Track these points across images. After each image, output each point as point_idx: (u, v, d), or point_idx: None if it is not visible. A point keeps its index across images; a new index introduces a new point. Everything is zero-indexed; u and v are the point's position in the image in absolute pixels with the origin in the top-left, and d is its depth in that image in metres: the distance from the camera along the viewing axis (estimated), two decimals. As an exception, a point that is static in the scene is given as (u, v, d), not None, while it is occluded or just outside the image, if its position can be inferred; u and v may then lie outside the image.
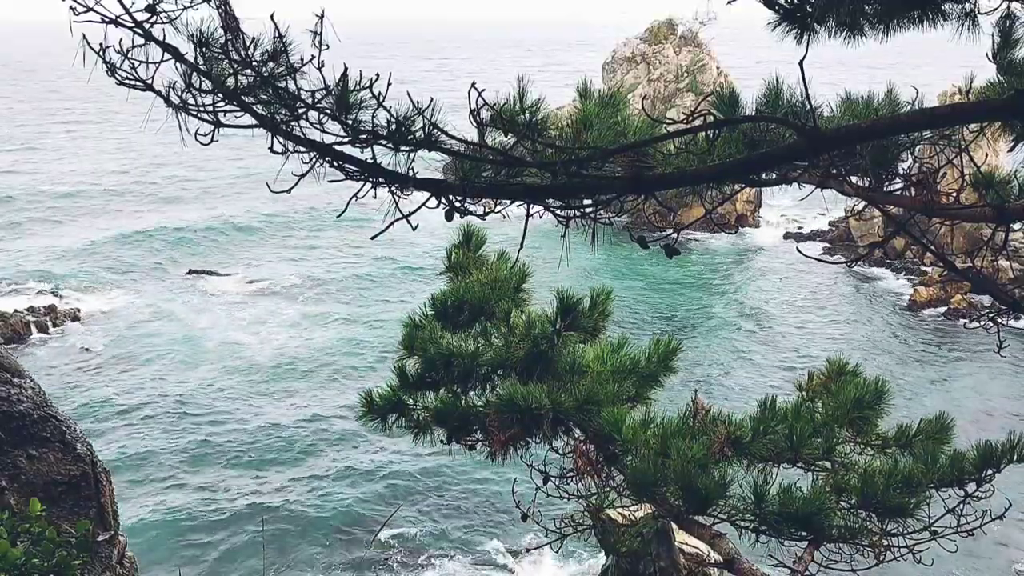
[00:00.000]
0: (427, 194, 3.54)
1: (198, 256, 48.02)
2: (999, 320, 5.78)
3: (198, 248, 49.29)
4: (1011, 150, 4.35)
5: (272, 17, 3.19)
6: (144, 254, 48.01)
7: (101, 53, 3.19)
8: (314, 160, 3.40)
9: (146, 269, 45.72)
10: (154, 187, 65.14)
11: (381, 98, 3.27)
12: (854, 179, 4.27)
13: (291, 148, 3.38)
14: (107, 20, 3.09)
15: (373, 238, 4.11)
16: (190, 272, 45.47)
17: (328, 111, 3.32)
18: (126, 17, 3.12)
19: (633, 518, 9.97)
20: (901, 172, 4.28)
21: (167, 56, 3.21)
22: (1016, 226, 4.45)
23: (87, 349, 35.00)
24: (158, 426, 28.53)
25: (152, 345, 35.37)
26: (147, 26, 3.15)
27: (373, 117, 3.35)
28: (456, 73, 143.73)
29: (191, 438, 27.70)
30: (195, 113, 3.30)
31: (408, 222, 3.47)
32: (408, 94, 3.33)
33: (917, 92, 4.45)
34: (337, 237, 52.04)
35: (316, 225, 54.45)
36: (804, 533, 6.18)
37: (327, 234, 52.78)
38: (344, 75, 3.25)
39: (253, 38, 3.24)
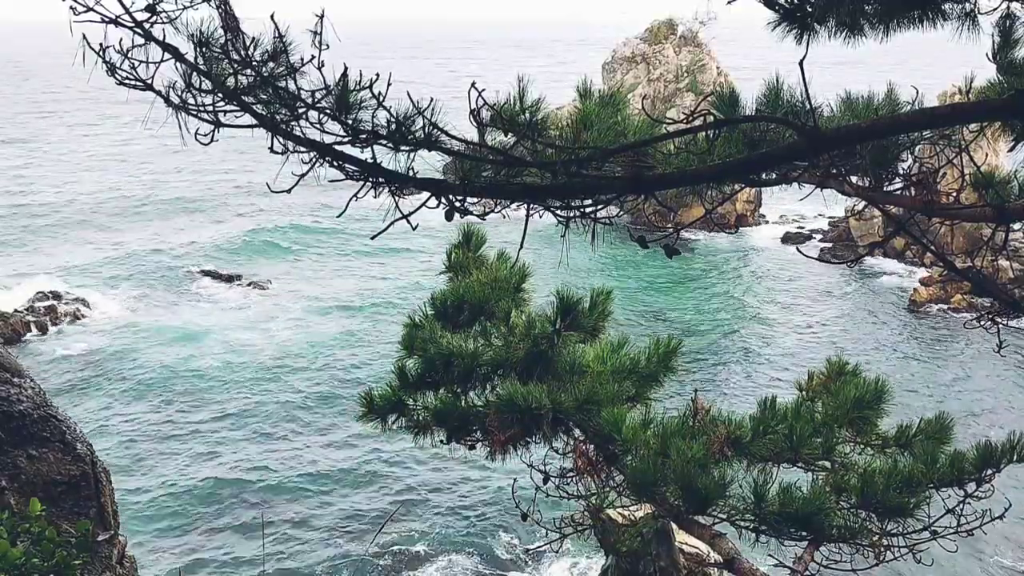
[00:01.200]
0: (427, 194, 3.54)
1: (199, 258, 47.99)
2: (999, 320, 5.77)
3: (199, 250, 49.25)
4: (1011, 150, 4.35)
5: (272, 17, 3.19)
6: (145, 255, 47.99)
7: (101, 53, 3.19)
8: (314, 160, 3.40)
9: (147, 270, 45.70)
10: (154, 189, 65.10)
11: (381, 98, 3.27)
12: (854, 179, 4.27)
13: (291, 148, 3.38)
14: (107, 20, 3.09)
15: (373, 238, 4.11)
16: (191, 273, 45.47)
17: (328, 111, 3.32)
18: (126, 17, 3.12)
19: (633, 518, 9.98)
20: (901, 172, 4.28)
21: (167, 56, 3.21)
22: (1016, 226, 4.45)
23: (88, 349, 34.99)
24: (159, 426, 28.55)
25: (153, 345, 35.37)
26: (147, 26, 3.15)
27: (373, 117, 3.34)
28: (456, 73, 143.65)
29: (192, 437, 27.72)
30: (195, 113, 3.30)
31: (408, 222, 3.47)
32: (408, 94, 3.33)
33: (917, 92, 4.45)
34: (337, 238, 52.06)
35: (317, 227, 54.46)
36: (804, 533, 6.17)
37: (328, 235, 52.80)
38: (344, 75, 3.25)
39: (253, 38, 3.24)
